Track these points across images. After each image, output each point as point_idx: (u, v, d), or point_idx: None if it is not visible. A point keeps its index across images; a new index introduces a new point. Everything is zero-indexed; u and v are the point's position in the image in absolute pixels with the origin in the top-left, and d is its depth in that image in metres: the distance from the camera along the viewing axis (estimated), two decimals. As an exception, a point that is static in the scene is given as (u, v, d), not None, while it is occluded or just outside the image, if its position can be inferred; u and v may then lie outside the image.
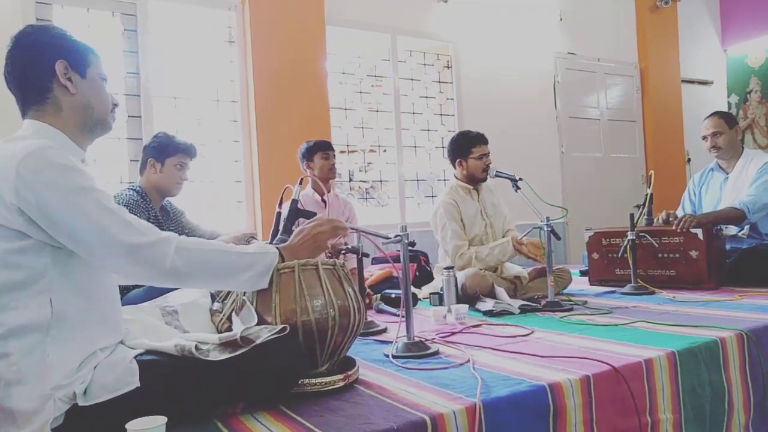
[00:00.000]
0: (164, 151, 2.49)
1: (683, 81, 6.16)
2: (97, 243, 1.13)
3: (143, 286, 2.12)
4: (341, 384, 1.38)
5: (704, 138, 3.15)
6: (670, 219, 3.01)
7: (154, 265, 1.18)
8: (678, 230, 2.76)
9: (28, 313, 1.11)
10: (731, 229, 3.02)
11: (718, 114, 3.16)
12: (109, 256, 1.15)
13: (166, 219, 2.58)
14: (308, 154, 3.20)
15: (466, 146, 2.97)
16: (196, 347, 1.17)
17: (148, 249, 1.17)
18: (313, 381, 1.35)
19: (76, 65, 1.26)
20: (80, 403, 1.11)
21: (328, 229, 1.47)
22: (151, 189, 2.51)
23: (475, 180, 3.01)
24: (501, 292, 2.58)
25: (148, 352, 1.22)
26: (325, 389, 1.35)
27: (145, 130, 3.51)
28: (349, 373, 1.42)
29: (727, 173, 3.14)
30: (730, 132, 3.08)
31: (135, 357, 1.18)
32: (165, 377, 1.17)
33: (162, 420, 1.04)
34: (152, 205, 2.49)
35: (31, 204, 1.09)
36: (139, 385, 1.13)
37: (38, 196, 1.09)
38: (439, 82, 4.83)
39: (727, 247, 2.97)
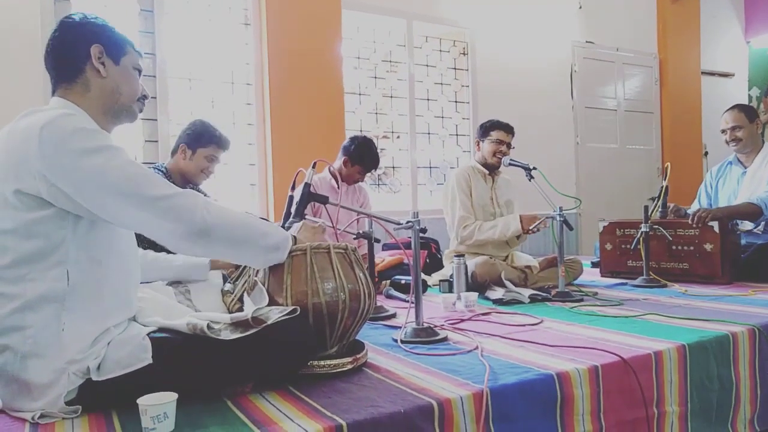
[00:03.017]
0: (198, 139, 2.44)
1: (703, 73, 6.05)
2: (122, 198, 1.12)
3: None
4: (350, 367, 1.39)
5: (723, 131, 3.10)
6: (681, 213, 3.00)
7: (182, 218, 1.16)
8: (693, 225, 2.74)
9: (45, 284, 1.12)
10: (746, 225, 2.98)
11: (738, 107, 3.10)
12: (135, 211, 1.14)
13: None
14: (355, 159, 3.02)
15: (488, 128, 3.03)
16: (208, 326, 1.19)
17: (176, 199, 1.17)
18: (322, 363, 1.36)
19: (112, 52, 1.29)
20: (93, 378, 1.14)
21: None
22: (176, 173, 2.47)
23: (487, 165, 3.01)
24: (507, 284, 2.58)
25: (160, 329, 1.24)
26: (334, 371, 1.36)
27: (160, 111, 3.53)
28: (358, 356, 1.43)
29: (746, 167, 3.09)
30: (751, 126, 3.03)
31: (148, 334, 1.20)
32: (177, 355, 1.19)
33: (173, 396, 1.06)
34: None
35: (56, 169, 1.10)
36: (151, 361, 1.15)
37: (62, 160, 1.10)
38: (455, 68, 4.78)
39: (743, 242, 2.94)
